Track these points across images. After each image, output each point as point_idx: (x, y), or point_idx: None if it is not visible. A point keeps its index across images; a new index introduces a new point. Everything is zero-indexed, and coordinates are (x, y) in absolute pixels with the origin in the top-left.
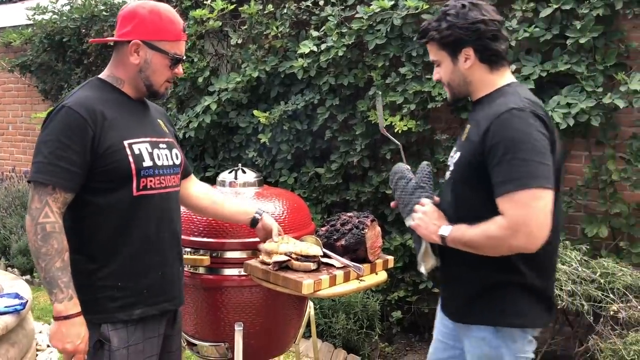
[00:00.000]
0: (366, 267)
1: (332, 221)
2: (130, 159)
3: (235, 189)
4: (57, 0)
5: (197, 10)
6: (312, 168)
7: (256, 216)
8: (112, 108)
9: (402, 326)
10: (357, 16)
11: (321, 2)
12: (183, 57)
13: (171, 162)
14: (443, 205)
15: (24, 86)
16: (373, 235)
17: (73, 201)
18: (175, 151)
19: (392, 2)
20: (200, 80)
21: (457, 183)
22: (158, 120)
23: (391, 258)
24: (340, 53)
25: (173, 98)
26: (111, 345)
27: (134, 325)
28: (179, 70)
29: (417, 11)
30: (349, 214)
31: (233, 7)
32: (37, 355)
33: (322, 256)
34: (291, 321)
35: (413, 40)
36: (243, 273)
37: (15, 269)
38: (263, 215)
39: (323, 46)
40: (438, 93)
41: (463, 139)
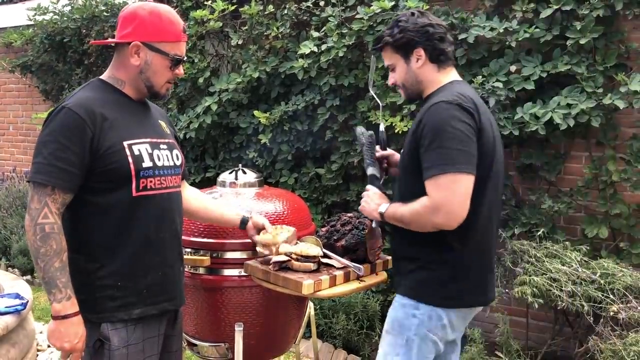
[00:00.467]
0: (366, 268)
1: (333, 222)
2: (129, 160)
3: (235, 190)
4: (58, 0)
5: (198, 11)
6: (313, 168)
7: (245, 215)
8: (113, 109)
9: None
10: (358, 17)
11: (322, 3)
12: (184, 58)
13: (172, 163)
14: (397, 193)
15: (25, 86)
16: (373, 235)
17: (73, 201)
18: (175, 152)
19: (393, 3)
20: (200, 80)
21: (402, 173)
22: (159, 121)
23: (391, 258)
24: (340, 54)
25: (174, 98)
26: (111, 344)
27: (134, 324)
28: (180, 71)
29: None
30: (349, 215)
31: (233, 8)
32: (38, 355)
33: (322, 256)
34: (291, 321)
35: None
36: (243, 273)
37: (15, 269)
38: (252, 214)
39: (323, 47)
40: None
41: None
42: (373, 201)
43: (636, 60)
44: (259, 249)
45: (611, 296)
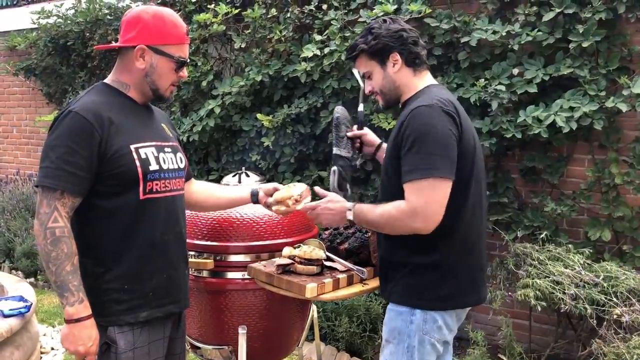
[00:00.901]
0: (369, 271)
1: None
2: (137, 163)
3: None
4: (62, 4)
5: (201, 14)
6: (315, 171)
7: (254, 188)
8: (119, 113)
9: None
10: (360, 20)
11: (324, 6)
12: (187, 60)
13: (176, 166)
14: (381, 198)
15: (29, 89)
16: (376, 238)
17: (80, 205)
18: (179, 155)
19: (395, 6)
20: (204, 84)
21: (385, 178)
22: (162, 124)
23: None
24: (343, 57)
25: (177, 102)
26: (118, 347)
27: (140, 327)
28: (184, 73)
29: (420, 15)
30: None
31: (237, 12)
32: (41, 357)
33: (326, 260)
34: (294, 324)
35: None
36: (247, 276)
37: (19, 272)
38: (260, 186)
39: (326, 50)
40: None
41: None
42: (336, 211)
43: (639, 62)
44: (275, 208)
45: (614, 299)
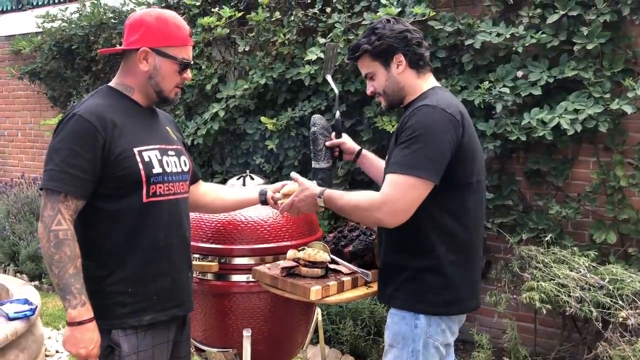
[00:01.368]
0: (374, 273)
1: (340, 227)
2: (140, 166)
3: None
4: (67, 8)
5: (205, 17)
6: None
7: (262, 189)
8: (123, 116)
9: None
10: (364, 23)
11: (328, 9)
12: (191, 62)
13: (180, 169)
14: None
15: (33, 93)
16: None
17: (83, 208)
18: (183, 158)
19: (399, 9)
20: (208, 87)
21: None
22: (166, 127)
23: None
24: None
25: (181, 105)
26: (121, 350)
27: (144, 331)
28: (188, 75)
29: (424, 18)
30: None
31: (240, 15)
32: None
33: (330, 262)
34: (299, 327)
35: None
36: (251, 279)
37: (24, 275)
38: (268, 186)
39: None
40: None
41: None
42: (308, 199)
43: None
44: (282, 202)
45: (620, 302)
